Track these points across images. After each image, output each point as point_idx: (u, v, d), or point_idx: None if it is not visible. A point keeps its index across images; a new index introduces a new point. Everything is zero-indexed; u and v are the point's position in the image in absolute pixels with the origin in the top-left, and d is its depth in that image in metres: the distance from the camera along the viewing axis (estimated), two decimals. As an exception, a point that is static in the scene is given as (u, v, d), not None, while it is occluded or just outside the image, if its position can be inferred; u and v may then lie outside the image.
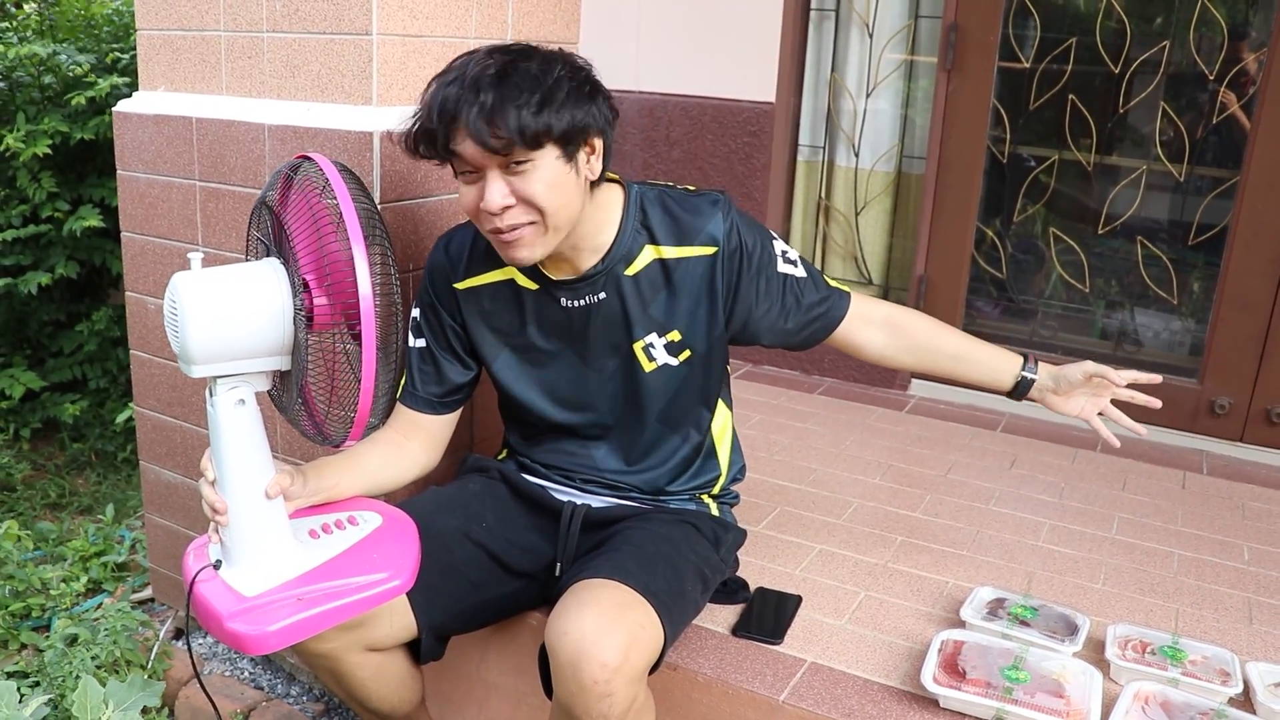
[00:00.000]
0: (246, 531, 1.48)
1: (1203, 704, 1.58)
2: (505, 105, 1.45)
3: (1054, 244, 3.06)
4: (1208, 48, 2.76)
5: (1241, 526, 2.36)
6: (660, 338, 1.72)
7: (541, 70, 1.50)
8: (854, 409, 3.03)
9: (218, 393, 1.43)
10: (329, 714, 2.22)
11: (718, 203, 1.70)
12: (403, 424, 1.78)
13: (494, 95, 1.46)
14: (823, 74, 3.24)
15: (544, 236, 1.55)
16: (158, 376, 2.29)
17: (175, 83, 2.15)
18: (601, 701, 1.39)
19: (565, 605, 1.47)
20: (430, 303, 1.76)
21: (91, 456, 3.47)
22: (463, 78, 1.49)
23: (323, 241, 1.40)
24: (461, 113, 1.46)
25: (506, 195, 1.50)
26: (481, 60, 1.50)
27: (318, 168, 1.43)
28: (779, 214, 3.29)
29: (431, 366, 1.77)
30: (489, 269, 1.73)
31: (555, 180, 1.51)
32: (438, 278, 1.75)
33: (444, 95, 1.49)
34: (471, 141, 1.46)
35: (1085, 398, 1.85)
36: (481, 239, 1.71)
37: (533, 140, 1.47)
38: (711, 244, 1.68)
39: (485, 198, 1.50)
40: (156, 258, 2.22)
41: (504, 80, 1.47)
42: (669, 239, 1.68)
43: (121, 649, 2.24)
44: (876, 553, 2.13)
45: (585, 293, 1.69)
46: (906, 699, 1.65)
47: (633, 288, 1.69)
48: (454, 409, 1.81)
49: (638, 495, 1.81)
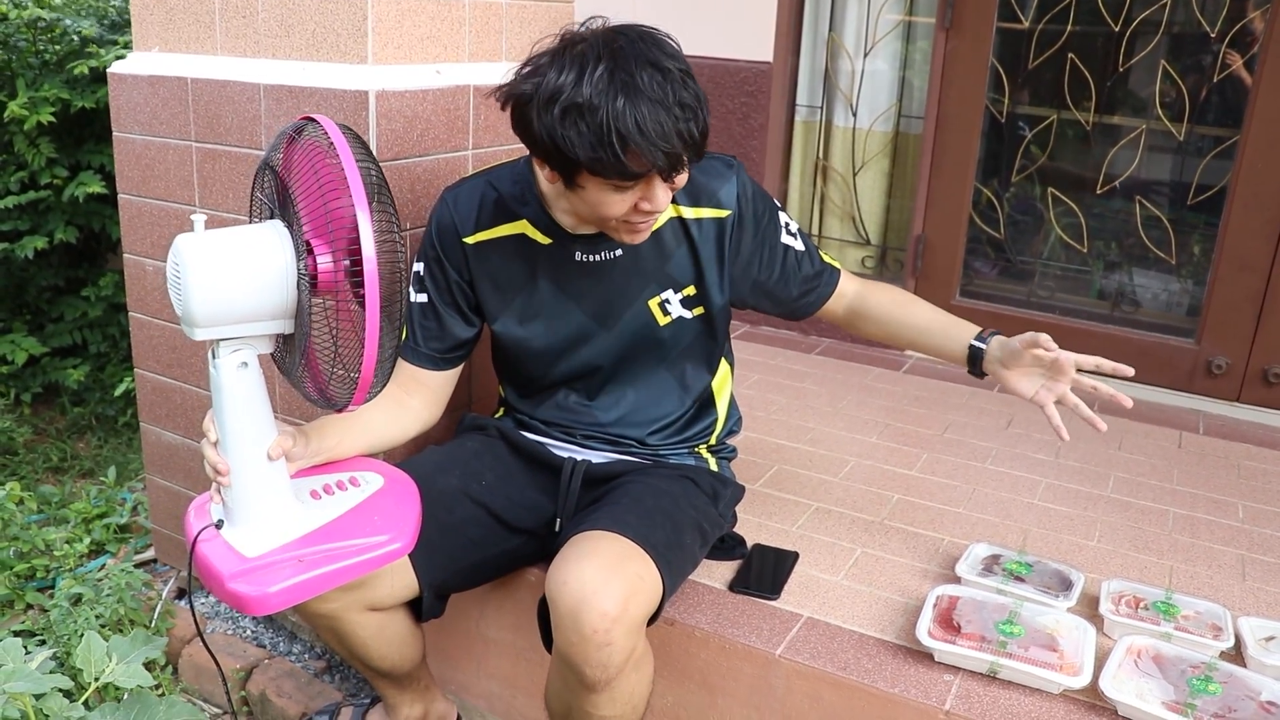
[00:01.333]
0: (248, 493, 1.49)
1: (1194, 657, 1.60)
2: (696, 119, 1.45)
3: (1052, 204, 3.05)
4: (1210, 5, 2.74)
5: (1237, 485, 2.37)
6: (676, 294, 1.74)
7: (690, 75, 1.47)
8: (851, 369, 3.04)
9: (220, 355, 1.43)
10: (330, 671, 2.24)
11: (731, 166, 1.73)
12: (404, 380, 1.78)
13: (691, 117, 1.45)
14: (820, 33, 3.22)
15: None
16: (157, 338, 2.29)
17: (169, 43, 2.14)
18: (601, 651, 1.41)
19: (565, 556, 1.49)
20: (436, 257, 1.75)
21: (92, 421, 3.49)
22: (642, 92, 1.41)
23: (327, 204, 1.39)
24: (662, 128, 1.42)
25: (669, 194, 1.54)
26: (643, 64, 1.42)
27: (322, 129, 1.42)
28: (776, 174, 3.28)
29: (434, 322, 1.77)
30: (500, 222, 1.73)
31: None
32: (445, 232, 1.74)
33: (632, 111, 1.40)
34: (670, 164, 1.45)
35: (1039, 379, 1.69)
36: (492, 192, 1.72)
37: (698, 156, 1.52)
38: (724, 207, 1.71)
39: (655, 202, 1.52)
40: (154, 219, 2.21)
41: (687, 95, 1.44)
42: (685, 199, 1.71)
43: (125, 608, 2.26)
44: (873, 510, 2.15)
45: (603, 248, 1.70)
46: (902, 653, 1.66)
47: (651, 244, 1.70)
48: (455, 365, 1.81)
49: (637, 450, 1.83)
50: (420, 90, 1.91)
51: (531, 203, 1.70)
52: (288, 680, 2.17)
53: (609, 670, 1.43)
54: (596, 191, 1.51)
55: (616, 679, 1.46)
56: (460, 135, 2.02)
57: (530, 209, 1.71)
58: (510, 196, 1.72)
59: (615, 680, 1.46)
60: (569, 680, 1.49)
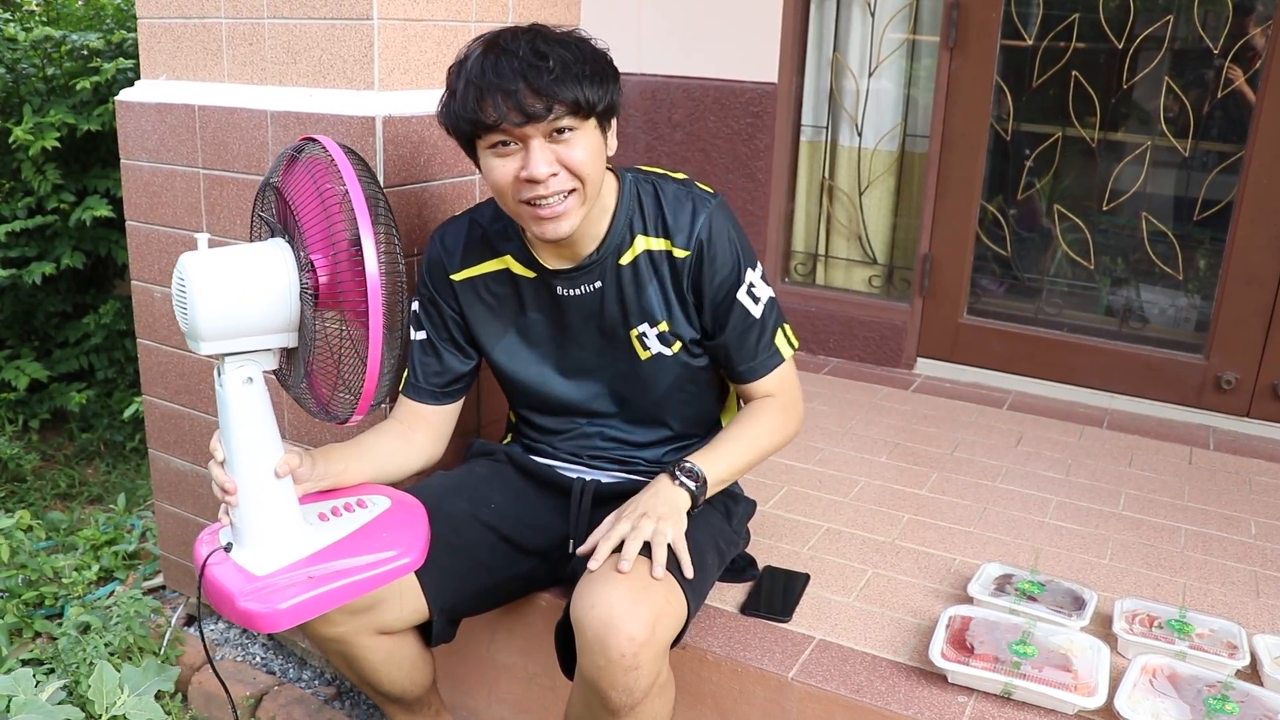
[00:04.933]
0: (256, 511, 1.49)
1: (1210, 676, 1.59)
2: (559, 73, 1.49)
3: (1058, 221, 3.05)
4: (1213, 22, 2.74)
5: (1248, 501, 2.36)
6: (652, 328, 1.72)
7: (579, 45, 1.54)
8: (860, 388, 3.03)
9: (226, 371, 1.44)
10: (340, 698, 2.23)
11: (707, 205, 1.68)
12: (406, 415, 1.80)
13: (544, 64, 1.49)
14: (825, 53, 3.23)
15: (581, 207, 1.58)
16: (165, 364, 2.30)
17: (177, 71, 2.15)
18: (628, 675, 1.40)
19: (591, 580, 1.48)
20: (429, 296, 1.78)
21: (100, 446, 3.49)
22: (503, 50, 1.51)
23: (329, 220, 1.41)
24: (510, 81, 1.48)
25: (551, 163, 1.52)
26: (515, 34, 1.53)
27: (322, 148, 1.43)
28: (782, 195, 3.28)
29: (433, 357, 1.79)
30: (485, 259, 1.75)
31: (595, 150, 1.56)
32: (435, 271, 1.77)
33: (486, 65, 1.50)
34: (517, 110, 1.48)
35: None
36: (477, 229, 1.74)
37: (582, 109, 1.52)
38: (685, 247, 1.68)
39: (530, 165, 1.51)
40: (162, 246, 2.22)
41: (550, 51, 1.50)
42: (656, 231, 1.69)
43: (134, 635, 2.25)
44: (884, 530, 2.14)
45: (581, 282, 1.70)
46: (915, 674, 1.65)
47: (627, 277, 1.70)
48: (456, 399, 1.83)
49: (645, 469, 1.82)
50: (427, 115, 1.91)
51: (514, 238, 1.72)
52: (298, 707, 2.16)
53: (634, 695, 1.42)
54: (486, 161, 1.56)
55: (641, 703, 1.45)
56: (466, 160, 2.00)
57: (513, 245, 1.73)
58: (494, 233, 1.74)
59: (640, 705, 1.45)
60: (592, 704, 1.48)
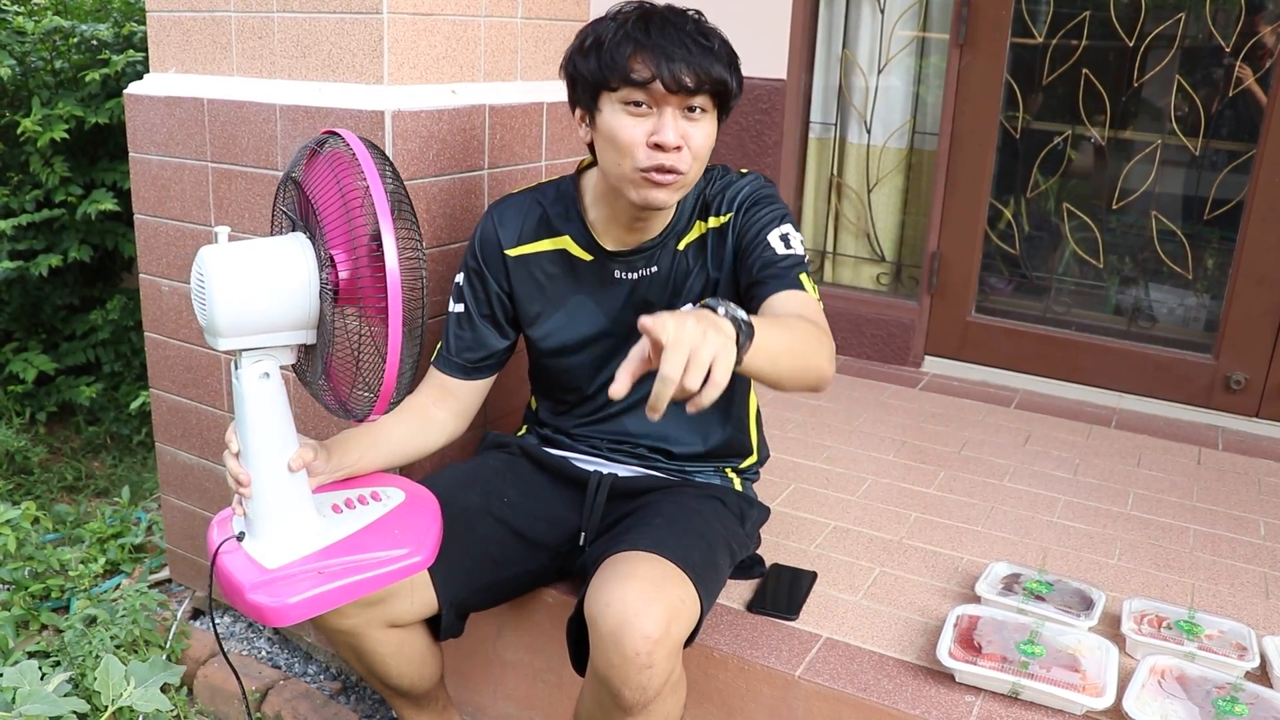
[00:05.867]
0: (269, 504, 1.49)
1: (1219, 678, 1.58)
2: (719, 54, 1.55)
3: (1068, 220, 3.04)
4: (1224, 20, 2.73)
5: (1258, 502, 2.35)
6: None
7: (728, 41, 1.59)
8: (867, 386, 3.03)
9: (243, 365, 1.44)
10: (346, 692, 2.23)
11: (745, 175, 1.75)
12: (433, 389, 1.79)
13: (709, 42, 1.54)
14: (834, 50, 3.22)
15: (681, 189, 1.61)
16: (173, 358, 2.30)
17: (186, 64, 2.15)
18: (642, 673, 1.40)
19: (605, 577, 1.47)
20: (477, 268, 1.79)
21: (107, 440, 3.49)
22: (667, 18, 1.54)
23: (350, 216, 1.40)
24: (673, 45, 1.51)
25: (680, 136, 1.55)
26: (674, 9, 1.57)
27: (344, 143, 1.42)
28: (791, 191, 3.28)
29: (469, 331, 1.79)
30: (542, 237, 1.77)
31: (711, 136, 1.60)
32: (487, 245, 1.78)
33: (652, 24, 1.53)
34: (672, 75, 1.51)
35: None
36: (538, 208, 1.77)
37: (720, 94, 1.56)
38: (727, 212, 1.72)
39: (662, 132, 1.54)
40: (170, 240, 2.22)
41: (713, 32, 1.56)
42: (706, 211, 1.73)
43: (140, 629, 2.25)
44: (891, 529, 2.13)
45: (640, 265, 1.73)
46: (922, 674, 1.65)
47: (684, 261, 1.72)
48: (486, 375, 1.83)
49: (664, 465, 1.82)
50: (436, 110, 1.91)
51: (575, 219, 1.74)
52: (303, 701, 2.16)
53: (647, 693, 1.42)
54: (612, 117, 1.56)
55: (654, 701, 1.44)
56: (476, 155, 2.02)
57: (574, 225, 1.75)
58: (554, 214, 1.76)
59: (653, 703, 1.45)
60: (604, 702, 1.47)
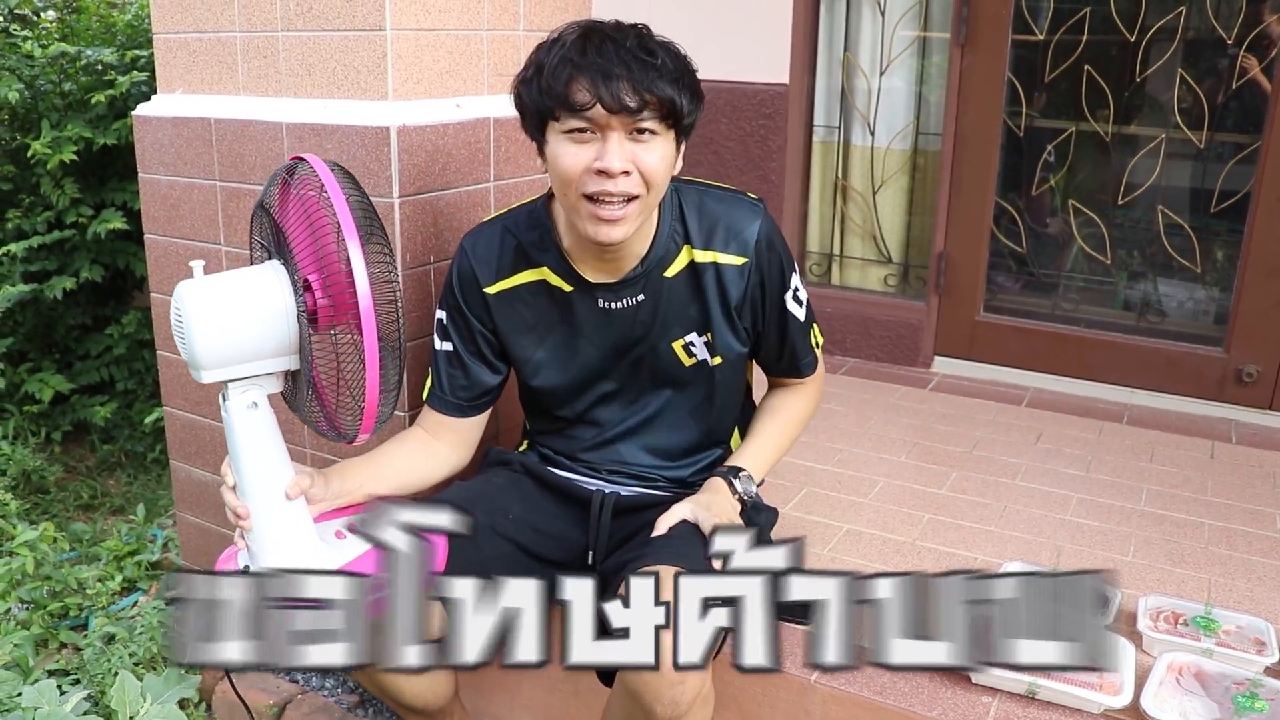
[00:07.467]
0: (270, 534, 1.50)
1: (1238, 674, 1.58)
2: (663, 72, 1.47)
3: (1074, 216, 3.04)
4: (1226, 11, 2.73)
5: (1273, 495, 2.34)
6: (700, 337, 1.71)
7: (681, 56, 1.52)
8: (877, 388, 3.03)
9: (230, 397, 1.45)
10: (363, 706, 2.24)
11: (756, 210, 1.68)
12: (431, 425, 1.78)
13: (651, 59, 1.46)
14: (835, 53, 3.23)
15: (639, 216, 1.54)
16: (185, 376, 2.31)
17: (193, 85, 2.17)
18: (674, 689, 1.40)
19: None
20: (457, 306, 1.73)
21: (121, 457, 3.51)
22: (608, 36, 1.48)
23: (319, 241, 1.41)
24: (612, 65, 1.44)
25: (627, 161, 1.48)
26: (620, 26, 1.51)
27: (310, 167, 1.43)
28: (796, 195, 3.28)
29: (460, 370, 1.76)
30: (520, 269, 1.71)
31: (668, 160, 1.53)
32: (465, 283, 1.72)
33: (589, 46, 1.46)
34: (611, 97, 1.44)
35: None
36: (510, 239, 1.70)
37: (668, 114, 1.48)
38: (742, 254, 1.67)
39: (605, 157, 1.47)
40: (180, 258, 2.23)
41: (658, 50, 1.48)
42: (703, 242, 1.67)
43: (159, 645, 2.27)
44: (904, 531, 2.13)
45: (625, 295, 1.67)
46: (938, 675, 1.64)
47: (670, 290, 1.68)
48: (483, 410, 1.81)
49: (665, 485, 1.82)
50: (441, 124, 1.92)
51: (551, 249, 1.68)
52: (321, 716, 2.17)
53: (679, 708, 1.42)
54: (557, 146, 1.50)
55: (685, 716, 1.44)
56: (481, 168, 2.03)
57: (550, 255, 1.68)
58: (529, 242, 1.70)
59: (684, 718, 1.44)
60: (635, 716, 1.46)
